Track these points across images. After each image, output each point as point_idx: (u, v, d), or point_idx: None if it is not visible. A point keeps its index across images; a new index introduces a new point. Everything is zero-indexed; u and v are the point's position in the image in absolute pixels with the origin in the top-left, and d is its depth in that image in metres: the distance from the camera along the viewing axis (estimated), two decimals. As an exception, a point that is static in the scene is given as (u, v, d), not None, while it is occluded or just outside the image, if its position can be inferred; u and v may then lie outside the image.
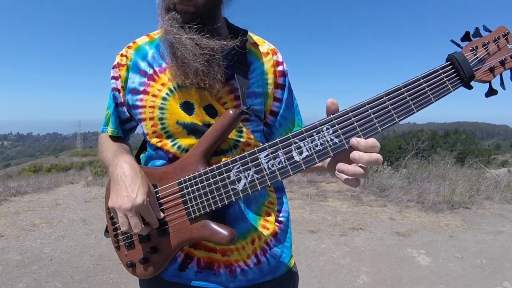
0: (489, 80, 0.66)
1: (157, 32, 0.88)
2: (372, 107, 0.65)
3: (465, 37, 0.67)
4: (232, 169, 0.72)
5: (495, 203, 5.00)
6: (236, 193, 0.72)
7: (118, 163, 0.78)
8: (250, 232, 0.84)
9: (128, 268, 0.84)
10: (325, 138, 0.65)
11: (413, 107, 0.64)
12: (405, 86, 0.64)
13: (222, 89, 0.81)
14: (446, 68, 0.65)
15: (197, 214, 0.76)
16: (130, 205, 0.72)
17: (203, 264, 0.84)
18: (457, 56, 0.64)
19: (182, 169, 0.78)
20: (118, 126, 0.92)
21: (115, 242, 0.87)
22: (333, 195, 5.56)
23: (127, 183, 0.74)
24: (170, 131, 0.81)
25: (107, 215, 0.88)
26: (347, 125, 0.65)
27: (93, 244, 3.58)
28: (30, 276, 2.80)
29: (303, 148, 0.66)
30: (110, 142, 0.91)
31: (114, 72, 0.87)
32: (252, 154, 0.70)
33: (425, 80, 0.64)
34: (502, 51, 0.65)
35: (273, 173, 0.69)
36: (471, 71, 0.64)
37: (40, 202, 5.57)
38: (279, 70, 0.88)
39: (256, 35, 0.91)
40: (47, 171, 15.92)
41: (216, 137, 0.76)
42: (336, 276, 2.84)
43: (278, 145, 0.68)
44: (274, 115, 0.90)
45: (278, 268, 0.88)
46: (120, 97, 0.88)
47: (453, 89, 0.64)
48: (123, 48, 0.88)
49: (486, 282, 2.72)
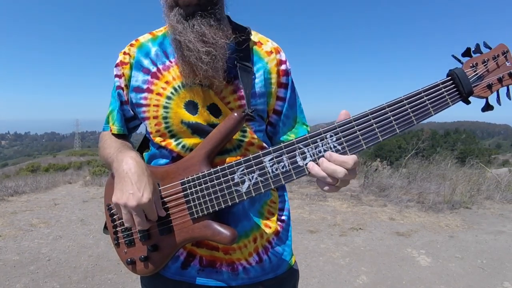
0: (487, 96, 0.69)
1: (160, 29, 0.89)
2: (374, 117, 0.67)
3: (466, 53, 0.69)
4: (237, 171, 0.73)
5: (496, 203, 5.00)
6: (239, 195, 0.73)
7: (123, 158, 0.77)
8: (253, 230, 0.85)
9: (128, 266, 0.85)
10: (328, 145, 0.68)
11: (413, 119, 0.67)
12: (407, 98, 0.67)
13: (225, 89, 0.81)
14: (447, 83, 0.68)
15: (200, 214, 0.76)
16: (135, 203, 0.71)
17: (205, 262, 0.84)
18: (458, 72, 0.67)
19: (185, 169, 0.79)
20: (123, 124, 0.91)
21: (115, 239, 0.87)
22: (333, 195, 5.54)
23: (133, 180, 0.73)
24: (174, 130, 0.81)
25: (107, 212, 0.88)
26: (350, 133, 0.68)
27: (91, 244, 3.56)
28: (28, 276, 2.79)
29: (307, 153, 0.69)
30: (113, 139, 0.90)
31: (117, 70, 0.87)
32: (256, 158, 0.72)
33: (426, 93, 0.67)
34: (501, 68, 0.68)
35: (277, 177, 0.71)
36: (470, 87, 0.66)
37: (38, 202, 5.56)
38: (282, 69, 0.88)
39: (259, 34, 0.91)
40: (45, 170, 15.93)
41: (220, 139, 0.77)
42: (335, 276, 2.83)
43: (282, 149, 0.70)
44: (277, 114, 0.90)
45: (280, 266, 0.89)
46: (124, 95, 0.88)
47: (452, 103, 0.67)
48: (126, 46, 0.88)
49: (486, 282, 2.71)
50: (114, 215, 0.87)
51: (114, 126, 0.91)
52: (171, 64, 0.82)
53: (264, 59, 0.86)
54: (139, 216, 0.73)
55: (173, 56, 0.83)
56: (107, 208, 0.88)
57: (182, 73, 0.79)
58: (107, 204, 0.88)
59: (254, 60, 0.85)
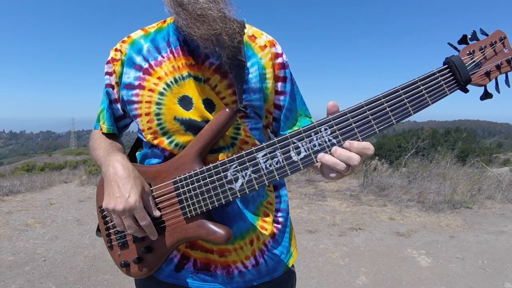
0: (485, 84, 0.67)
1: (153, 26, 0.88)
2: (370, 109, 0.66)
3: (462, 40, 0.68)
4: (229, 169, 0.72)
5: (497, 203, 4.98)
6: (233, 193, 0.72)
7: (110, 163, 0.77)
8: (249, 232, 0.84)
9: (121, 268, 0.84)
10: (323, 138, 0.66)
11: (410, 109, 0.65)
12: (403, 88, 0.66)
13: (220, 83, 0.80)
14: (444, 72, 0.66)
15: (193, 214, 0.75)
16: (122, 206, 0.71)
17: (200, 265, 0.84)
18: (455, 59, 0.65)
19: (177, 168, 0.78)
20: (113, 123, 0.91)
21: (108, 242, 0.86)
22: (332, 195, 5.55)
23: (120, 184, 0.73)
24: (166, 127, 0.80)
25: (99, 214, 0.88)
26: (345, 126, 0.66)
27: (87, 244, 3.55)
28: (23, 277, 2.78)
29: (301, 148, 0.67)
30: (102, 140, 0.90)
31: (108, 67, 0.86)
32: (249, 154, 0.71)
33: (422, 83, 0.65)
34: (499, 55, 0.66)
35: (271, 173, 0.69)
36: (468, 75, 0.65)
37: (33, 201, 5.54)
38: (278, 63, 0.86)
39: (253, 27, 0.89)
40: (41, 170, 15.92)
41: (212, 136, 0.76)
42: (335, 277, 2.82)
43: (276, 145, 0.69)
44: (279, 108, 0.88)
45: (276, 269, 0.88)
46: (114, 94, 0.86)
47: (450, 92, 0.66)
48: (118, 43, 0.87)
49: (487, 283, 2.69)
50: (106, 217, 0.86)
51: (104, 125, 0.90)
52: (163, 59, 0.81)
53: (258, 54, 0.84)
54: (128, 220, 0.73)
55: (165, 51, 0.82)
56: (99, 210, 0.87)
57: (187, 23, 0.73)
58: (99, 206, 0.87)
59: (248, 55, 0.83)
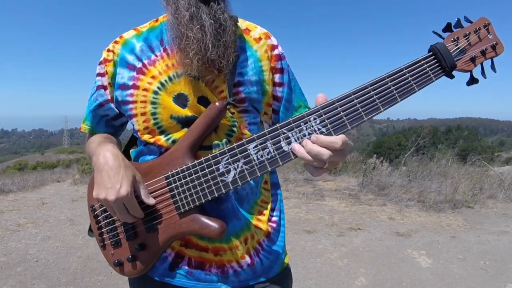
0: (470, 70, 0.69)
1: (145, 25, 0.88)
2: (357, 97, 0.67)
3: (447, 28, 0.70)
4: (221, 161, 0.73)
5: (499, 202, 4.96)
6: (225, 185, 0.73)
7: (100, 152, 0.78)
8: (243, 230, 0.84)
9: (115, 267, 0.84)
10: (312, 128, 0.68)
11: (396, 96, 0.67)
12: (389, 76, 0.68)
13: (217, 78, 0.80)
14: (429, 59, 0.68)
15: (186, 208, 0.76)
16: (114, 197, 0.71)
17: (194, 263, 0.83)
18: (439, 46, 0.68)
19: (168, 163, 0.78)
20: (96, 124, 0.92)
21: (100, 241, 0.86)
22: (331, 194, 5.54)
23: (111, 174, 0.73)
24: (163, 126, 0.80)
25: (91, 213, 0.87)
26: (334, 114, 0.68)
27: (80, 245, 3.53)
28: (15, 278, 2.75)
29: (291, 138, 0.69)
30: (98, 135, 0.91)
31: (100, 68, 0.87)
32: (240, 146, 0.72)
33: (408, 70, 0.68)
34: (483, 41, 0.69)
35: (262, 163, 0.70)
36: (453, 61, 0.67)
37: (25, 201, 5.50)
38: (274, 54, 0.87)
39: (246, 21, 0.90)
40: (33, 169, 15.89)
41: (202, 130, 0.77)
42: (333, 278, 2.80)
43: (266, 135, 0.70)
44: (278, 100, 0.89)
45: (272, 269, 0.89)
46: (107, 94, 0.87)
47: (436, 78, 0.68)
48: (110, 44, 0.88)
49: (489, 284, 2.67)
50: (98, 216, 0.85)
51: (86, 126, 0.93)
52: (157, 58, 0.82)
53: (253, 47, 0.85)
54: (120, 210, 0.73)
55: (159, 50, 0.82)
56: (91, 209, 0.87)
57: (179, 60, 0.77)
58: (91, 206, 0.87)
59: (243, 48, 0.84)
